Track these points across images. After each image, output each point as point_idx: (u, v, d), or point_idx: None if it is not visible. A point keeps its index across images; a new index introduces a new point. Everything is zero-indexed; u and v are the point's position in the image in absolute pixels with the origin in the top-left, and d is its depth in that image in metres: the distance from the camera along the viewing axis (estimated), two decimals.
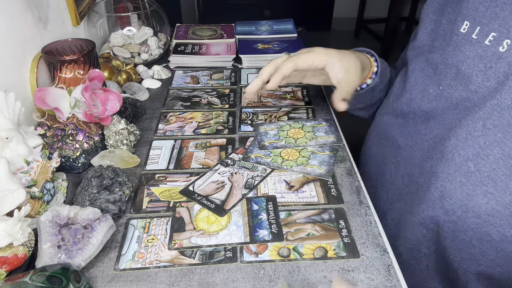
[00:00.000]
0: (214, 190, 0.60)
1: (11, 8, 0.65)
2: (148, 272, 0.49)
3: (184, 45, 1.01)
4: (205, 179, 0.61)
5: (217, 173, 0.63)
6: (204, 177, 0.62)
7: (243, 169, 0.64)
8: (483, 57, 0.47)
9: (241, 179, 0.62)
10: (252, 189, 0.60)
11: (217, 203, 0.57)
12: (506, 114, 0.45)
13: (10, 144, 0.53)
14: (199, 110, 0.81)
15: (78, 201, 0.55)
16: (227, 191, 0.60)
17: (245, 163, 0.66)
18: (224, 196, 0.59)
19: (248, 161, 0.66)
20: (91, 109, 0.63)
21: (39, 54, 0.72)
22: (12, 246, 0.45)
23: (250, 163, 0.65)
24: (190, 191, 0.60)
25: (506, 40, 0.45)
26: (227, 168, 0.64)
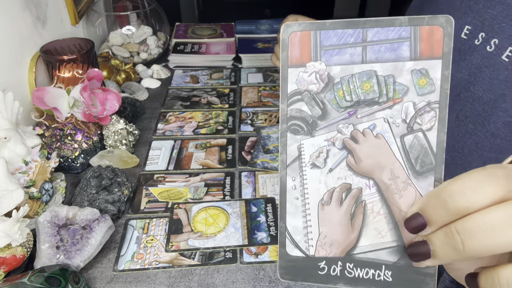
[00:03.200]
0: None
1: (9, 7, 0.65)
2: (147, 273, 0.48)
3: (184, 44, 1.01)
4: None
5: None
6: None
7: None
8: (460, 50, 0.48)
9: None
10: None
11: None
12: (477, 105, 0.45)
13: (8, 144, 0.53)
14: (199, 110, 0.80)
15: (76, 202, 0.55)
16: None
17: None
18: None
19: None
20: (90, 109, 0.62)
21: (37, 53, 0.71)
22: (11, 247, 0.44)
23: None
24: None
25: (481, 33, 0.45)
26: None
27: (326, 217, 0.25)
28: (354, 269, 0.24)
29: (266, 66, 0.97)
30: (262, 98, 0.84)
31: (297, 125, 0.24)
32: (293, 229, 0.25)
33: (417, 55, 0.23)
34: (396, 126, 0.23)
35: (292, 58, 0.24)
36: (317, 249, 0.25)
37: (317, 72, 0.24)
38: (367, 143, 0.24)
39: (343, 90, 0.24)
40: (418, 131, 0.23)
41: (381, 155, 0.24)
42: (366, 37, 0.23)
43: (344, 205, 0.24)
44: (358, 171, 0.24)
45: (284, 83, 0.24)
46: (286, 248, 0.25)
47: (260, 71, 0.95)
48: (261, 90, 0.87)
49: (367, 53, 0.23)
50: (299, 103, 0.24)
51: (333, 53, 0.23)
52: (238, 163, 0.66)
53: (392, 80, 0.23)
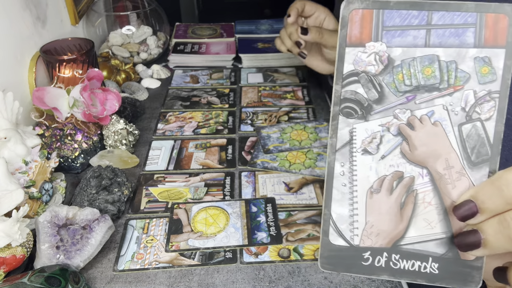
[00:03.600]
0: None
1: (9, 7, 0.65)
2: (147, 273, 0.48)
3: (184, 44, 1.01)
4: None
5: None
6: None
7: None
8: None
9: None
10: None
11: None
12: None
13: (8, 144, 0.53)
14: (199, 109, 0.80)
15: (76, 202, 0.55)
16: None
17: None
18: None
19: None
20: (90, 109, 0.62)
21: (37, 53, 0.71)
22: (11, 247, 0.44)
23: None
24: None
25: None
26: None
27: (375, 205, 0.24)
28: (400, 261, 0.24)
29: (266, 66, 0.97)
30: (262, 98, 0.84)
31: (350, 108, 0.23)
32: (338, 217, 0.24)
33: (481, 42, 0.22)
34: (455, 114, 0.23)
35: (351, 36, 0.23)
36: (362, 239, 0.24)
37: (377, 53, 0.23)
38: (424, 130, 0.23)
39: (403, 73, 0.23)
40: (477, 120, 0.23)
41: (438, 143, 0.23)
42: (431, 20, 0.22)
43: (395, 194, 0.24)
44: (412, 159, 0.23)
45: (340, 63, 0.23)
46: (329, 236, 0.24)
47: (260, 71, 0.95)
48: (261, 90, 0.87)
49: (431, 36, 0.22)
50: (354, 85, 0.23)
51: (395, 34, 0.22)
52: (238, 163, 0.66)
53: (454, 67, 0.23)
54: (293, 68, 0.96)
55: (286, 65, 0.97)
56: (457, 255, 0.23)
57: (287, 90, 0.87)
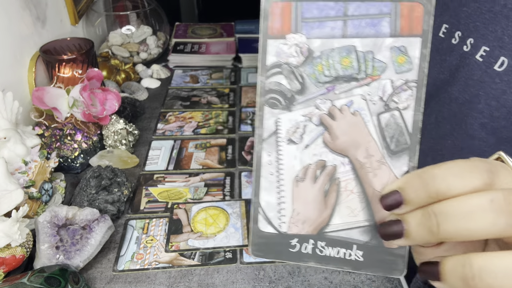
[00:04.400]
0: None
1: (8, 7, 0.65)
2: (147, 273, 0.48)
3: (184, 44, 1.01)
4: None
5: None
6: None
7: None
8: (439, 49, 0.47)
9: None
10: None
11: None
12: (454, 106, 0.44)
13: (8, 144, 0.53)
14: (199, 109, 0.80)
15: (76, 202, 0.55)
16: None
17: None
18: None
19: None
20: (90, 109, 0.62)
21: (37, 53, 0.71)
22: (10, 247, 0.44)
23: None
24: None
25: (457, 31, 0.44)
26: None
27: (300, 194, 0.24)
28: (325, 248, 0.24)
29: None
30: None
31: (275, 99, 0.24)
32: (266, 205, 0.24)
33: (397, 31, 0.22)
34: (373, 104, 0.23)
35: (273, 28, 0.23)
36: (289, 226, 0.24)
37: (297, 45, 0.23)
38: (343, 120, 0.23)
39: (323, 64, 0.23)
40: (395, 109, 0.23)
41: (357, 132, 0.23)
42: (347, 10, 0.22)
43: (319, 182, 0.24)
44: (333, 148, 0.24)
45: (263, 55, 0.23)
46: (259, 224, 0.24)
47: None
48: None
49: (348, 27, 0.23)
50: (278, 76, 0.23)
51: (314, 26, 0.23)
52: (238, 163, 0.66)
53: (371, 57, 0.23)
54: None
55: None
56: (380, 243, 0.24)
57: None
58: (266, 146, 0.24)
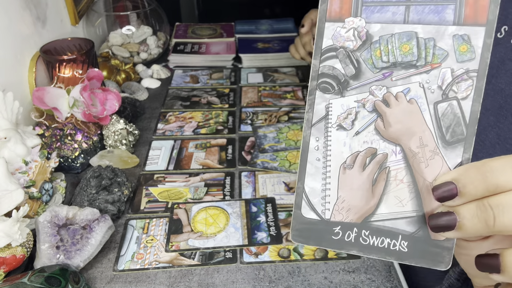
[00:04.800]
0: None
1: (9, 7, 0.65)
2: (147, 273, 0.48)
3: (184, 44, 1.01)
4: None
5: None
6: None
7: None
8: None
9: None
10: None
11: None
12: (498, 97, 0.45)
13: (8, 144, 0.53)
14: (199, 109, 0.80)
15: (76, 202, 0.55)
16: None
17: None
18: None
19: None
20: (90, 109, 0.62)
21: (37, 53, 0.71)
22: (11, 247, 0.44)
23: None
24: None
25: (504, 26, 0.45)
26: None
27: (347, 181, 0.24)
28: (369, 237, 0.23)
29: (266, 66, 0.97)
30: (262, 98, 0.84)
31: (327, 83, 0.23)
32: (310, 191, 0.24)
33: (461, 20, 0.22)
34: (431, 92, 0.22)
35: (331, 11, 0.23)
36: (333, 213, 0.24)
37: (356, 29, 0.23)
38: (399, 108, 0.23)
39: (381, 50, 0.23)
40: (453, 99, 0.22)
41: (412, 121, 0.23)
42: None
43: (367, 170, 0.24)
44: (386, 136, 0.23)
45: (319, 38, 0.23)
46: (302, 210, 0.24)
47: (260, 71, 0.95)
48: (261, 90, 0.87)
49: (410, 13, 0.22)
50: (332, 60, 0.23)
51: (375, 10, 0.22)
52: (238, 163, 0.66)
53: (432, 44, 0.22)
54: (293, 68, 0.96)
55: (286, 65, 0.97)
56: (427, 234, 0.23)
57: (287, 90, 0.87)
58: (315, 131, 0.24)
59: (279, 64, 0.97)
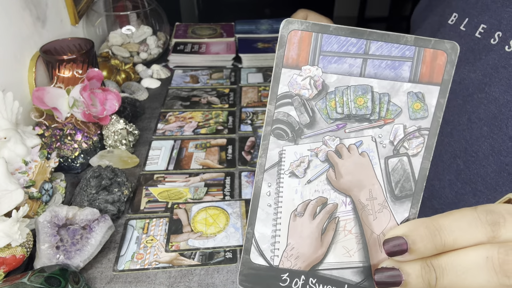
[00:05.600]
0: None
1: (9, 7, 0.65)
2: (147, 273, 0.48)
3: (184, 44, 1.01)
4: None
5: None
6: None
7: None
8: (474, 49, 0.46)
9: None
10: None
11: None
12: (492, 106, 0.43)
13: (8, 144, 0.53)
14: (199, 109, 0.80)
15: (76, 202, 0.55)
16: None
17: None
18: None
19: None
20: (90, 109, 0.62)
21: (37, 53, 0.71)
22: (10, 247, 0.44)
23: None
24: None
25: (498, 32, 0.44)
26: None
27: (297, 228, 0.24)
28: (316, 285, 0.24)
29: (266, 66, 0.97)
30: (262, 98, 0.84)
31: (282, 130, 0.23)
32: (260, 237, 0.24)
33: (417, 77, 0.22)
34: (382, 147, 0.23)
35: (288, 58, 0.23)
36: (282, 260, 0.24)
37: (312, 78, 0.23)
38: (350, 160, 0.23)
39: (336, 101, 0.23)
40: (404, 155, 0.23)
41: (363, 174, 0.23)
42: (369, 49, 0.22)
43: (317, 219, 0.24)
44: (336, 187, 0.23)
45: (275, 83, 0.23)
46: (250, 255, 0.24)
47: (260, 71, 0.95)
48: (261, 90, 0.87)
49: (367, 66, 0.22)
50: (287, 107, 0.23)
51: (332, 60, 0.22)
52: (238, 163, 0.66)
53: (387, 99, 0.23)
54: None
55: None
56: (372, 285, 0.23)
57: None
58: (267, 177, 0.24)
59: None
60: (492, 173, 0.43)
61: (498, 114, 0.42)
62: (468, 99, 0.45)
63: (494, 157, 0.42)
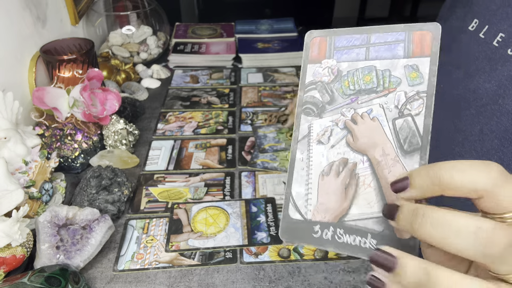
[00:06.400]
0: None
1: (9, 7, 0.65)
2: (147, 273, 0.48)
3: (184, 44, 1.01)
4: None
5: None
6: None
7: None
8: (491, 58, 0.45)
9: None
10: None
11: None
12: (504, 119, 0.42)
13: (8, 144, 0.53)
14: (199, 109, 0.80)
15: (76, 202, 0.55)
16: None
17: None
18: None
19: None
20: (90, 109, 0.62)
21: (37, 53, 0.71)
22: (11, 247, 0.44)
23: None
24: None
25: None
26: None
27: (325, 186, 0.28)
28: (343, 235, 0.27)
29: (266, 66, 0.97)
30: (262, 98, 0.84)
31: (309, 109, 0.30)
32: (296, 195, 0.29)
33: (410, 53, 0.28)
34: (389, 111, 0.28)
35: (312, 56, 0.30)
36: (313, 214, 0.28)
37: (329, 67, 0.29)
38: (364, 125, 0.28)
39: (349, 81, 0.29)
40: (408, 115, 0.27)
41: (375, 135, 0.28)
42: (370, 40, 0.29)
43: (341, 176, 0.28)
44: (355, 148, 0.28)
45: (304, 76, 0.30)
46: (289, 211, 0.29)
47: (260, 71, 0.95)
48: (261, 90, 0.87)
49: (370, 52, 0.29)
50: (313, 91, 0.30)
51: (343, 52, 0.29)
52: (238, 163, 0.66)
53: (388, 74, 0.28)
54: (293, 68, 0.96)
55: (286, 65, 0.97)
56: (393, 233, 0.26)
57: (287, 90, 0.87)
58: (300, 146, 0.29)
59: (279, 64, 0.97)
60: None
61: (510, 127, 0.42)
62: (481, 110, 0.45)
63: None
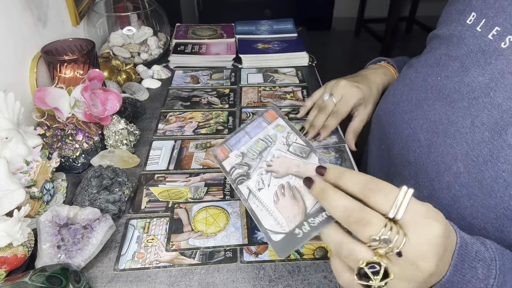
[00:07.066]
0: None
1: (10, 7, 0.65)
2: (148, 272, 0.49)
3: (184, 45, 1.01)
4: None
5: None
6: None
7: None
8: (485, 52, 0.46)
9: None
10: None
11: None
12: (495, 112, 0.43)
13: (10, 144, 0.53)
14: (199, 110, 0.81)
15: (77, 201, 0.55)
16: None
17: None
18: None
19: None
20: (91, 109, 0.63)
21: (38, 53, 0.72)
22: (12, 246, 0.45)
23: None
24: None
25: (509, 36, 0.43)
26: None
27: (282, 206, 0.39)
28: (314, 220, 0.37)
29: (266, 67, 0.97)
30: (262, 98, 0.85)
31: (241, 180, 0.42)
32: (270, 226, 0.38)
33: (269, 122, 0.45)
34: (283, 146, 0.43)
35: (222, 158, 0.44)
36: (288, 225, 0.37)
37: (235, 155, 0.43)
38: (277, 162, 0.42)
39: (250, 153, 0.43)
40: (292, 142, 0.43)
41: (285, 162, 0.42)
42: (246, 129, 0.45)
43: (286, 194, 0.39)
44: (281, 176, 0.41)
45: (225, 169, 0.43)
46: (273, 239, 0.37)
47: (260, 71, 0.95)
48: (261, 90, 0.87)
49: (250, 134, 0.45)
50: (237, 170, 0.42)
51: (238, 144, 0.44)
52: None
53: (268, 135, 0.44)
54: (293, 68, 0.97)
55: (286, 65, 0.98)
56: (327, 221, 0.37)
57: (287, 91, 0.87)
58: (251, 201, 0.40)
59: (279, 65, 0.97)
60: (489, 179, 0.43)
61: (500, 120, 0.42)
62: (473, 103, 0.45)
63: (492, 163, 0.42)
